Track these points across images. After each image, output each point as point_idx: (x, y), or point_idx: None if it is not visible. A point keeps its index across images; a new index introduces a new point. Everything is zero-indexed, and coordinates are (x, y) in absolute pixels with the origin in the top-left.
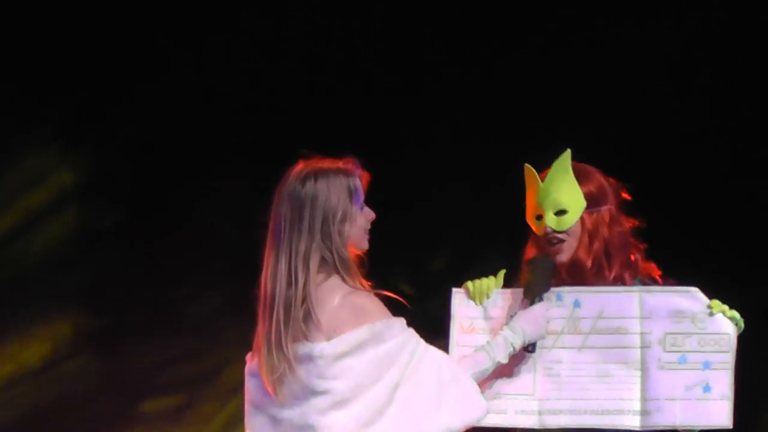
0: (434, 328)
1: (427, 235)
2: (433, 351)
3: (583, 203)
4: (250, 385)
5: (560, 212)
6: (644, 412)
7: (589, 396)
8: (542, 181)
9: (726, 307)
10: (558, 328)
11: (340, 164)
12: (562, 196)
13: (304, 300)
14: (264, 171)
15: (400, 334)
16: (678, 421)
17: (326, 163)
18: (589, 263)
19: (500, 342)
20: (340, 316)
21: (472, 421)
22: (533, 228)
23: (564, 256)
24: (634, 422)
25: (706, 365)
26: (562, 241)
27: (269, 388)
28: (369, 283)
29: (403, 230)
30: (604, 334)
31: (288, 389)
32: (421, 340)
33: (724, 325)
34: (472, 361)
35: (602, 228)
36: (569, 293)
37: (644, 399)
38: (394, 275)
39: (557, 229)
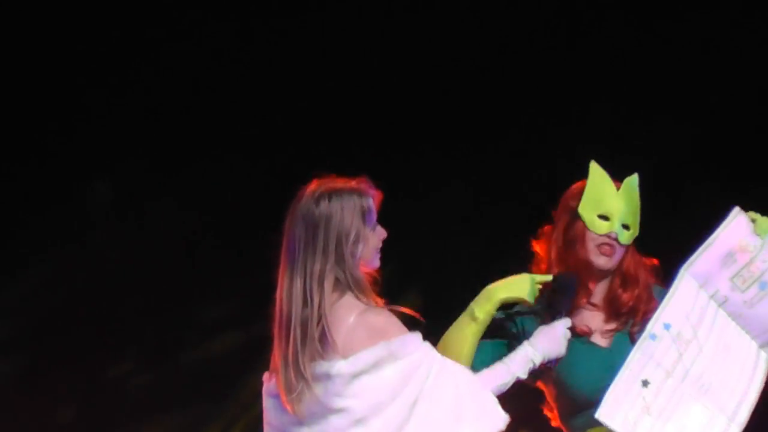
0: None
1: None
2: (451, 365)
3: (638, 230)
4: (268, 405)
5: (626, 226)
6: (764, 346)
7: (738, 369)
8: (617, 188)
9: (758, 215)
10: (675, 356)
11: (353, 184)
12: (632, 214)
13: (320, 320)
14: None
15: (417, 350)
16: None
17: (340, 183)
18: (621, 285)
19: (521, 357)
20: (356, 335)
21: None
22: (589, 222)
23: (609, 263)
24: (762, 360)
25: (762, 286)
26: (614, 249)
27: (288, 407)
28: (383, 300)
29: None
30: (700, 323)
31: (306, 408)
32: (438, 354)
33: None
34: (492, 374)
35: (635, 255)
36: (655, 326)
37: (756, 336)
38: None
39: (621, 241)
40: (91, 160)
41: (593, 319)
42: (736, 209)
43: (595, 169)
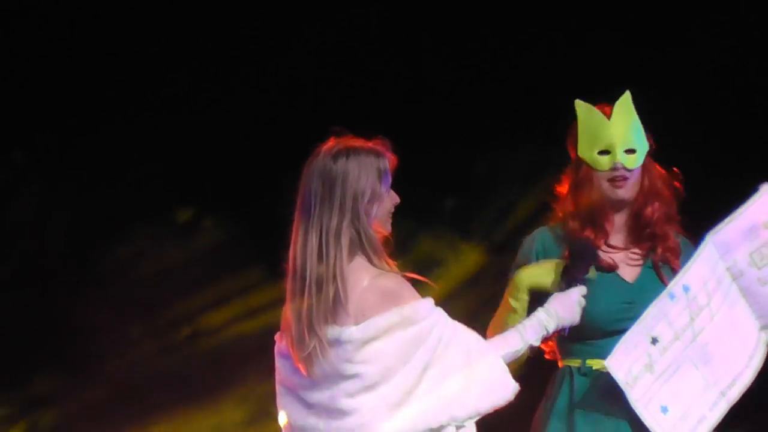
0: None
1: None
2: (463, 331)
3: (647, 145)
4: (280, 366)
5: (630, 150)
6: (764, 328)
7: (740, 346)
8: (608, 116)
9: None
10: (687, 320)
11: (371, 144)
12: (631, 135)
13: (334, 278)
14: None
15: (429, 315)
16: None
17: (358, 142)
18: (644, 203)
19: (534, 324)
20: (368, 300)
21: (501, 402)
22: (591, 162)
23: (627, 193)
24: (762, 343)
25: None
26: (626, 178)
27: (300, 366)
28: (395, 263)
29: None
30: (715, 293)
31: (319, 369)
32: (450, 320)
33: None
34: (503, 341)
35: (652, 170)
36: (675, 287)
37: (761, 317)
38: None
39: (628, 166)
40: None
41: (615, 257)
42: (766, 185)
43: (580, 105)
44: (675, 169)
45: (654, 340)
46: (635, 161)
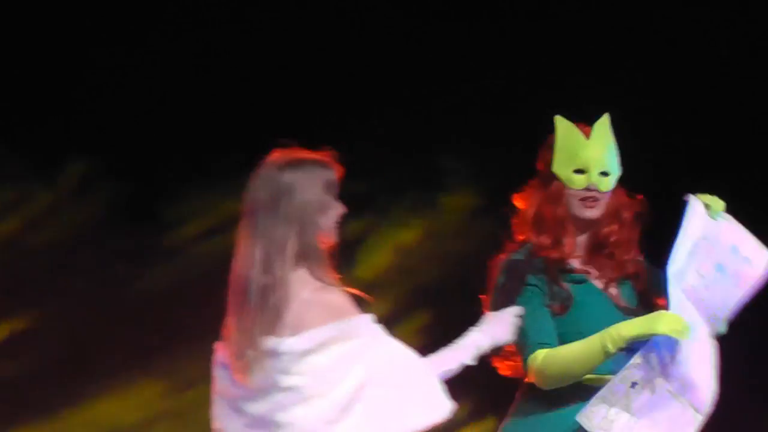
0: None
1: None
2: (400, 350)
3: (619, 169)
4: (218, 376)
5: (604, 173)
6: (713, 319)
7: (707, 369)
8: (587, 136)
9: (708, 197)
10: (669, 358)
11: (317, 156)
12: (607, 158)
13: (277, 289)
14: None
15: (368, 332)
16: (737, 302)
17: (304, 154)
18: (604, 225)
19: (468, 344)
20: (308, 312)
21: (436, 421)
22: (566, 180)
23: (596, 214)
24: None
25: (733, 250)
26: (597, 200)
27: (238, 378)
28: (337, 276)
29: None
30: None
31: (256, 380)
32: (389, 338)
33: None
34: (439, 360)
35: (618, 193)
36: None
37: (707, 319)
38: None
39: (602, 189)
40: None
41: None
42: (692, 198)
43: (560, 122)
44: (639, 196)
45: (634, 384)
46: (608, 184)
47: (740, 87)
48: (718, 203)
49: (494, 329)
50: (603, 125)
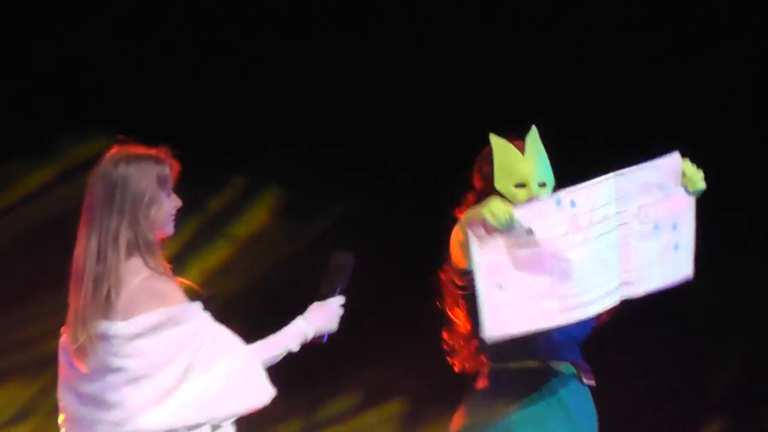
0: None
1: None
2: (227, 336)
3: (553, 179)
4: (61, 358)
5: (542, 184)
6: (627, 284)
7: (597, 284)
8: (522, 149)
9: (693, 170)
10: (563, 229)
11: (153, 152)
12: (544, 170)
13: (109, 276)
14: None
15: (195, 318)
16: (655, 285)
17: (140, 150)
18: None
19: (293, 331)
20: (138, 298)
21: (257, 406)
22: (508, 195)
23: None
24: (616, 297)
25: (674, 226)
26: None
27: (74, 361)
28: (169, 266)
29: None
30: (598, 224)
31: (89, 362)
32: (216, 325)
33: (685, 189)
34: (264, 347)
35: None
36: (565, 196)
37: (626, 271)
38: None
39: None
40: None
41: None
42: (677, 154)
43: (495, 140)
44: None
45: (530, 231)
46: (547, 192)
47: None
48: (697, 176)
49: (318, 318)
50: (533, 138)
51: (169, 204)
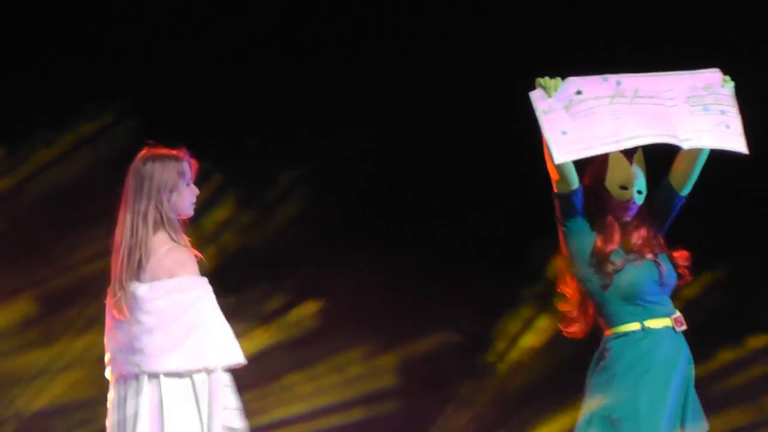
0: None
1: None
2: (217, 307)
3: (646, 190)
4: (107, 312)
5: (640, 192)
6: (686, 139)
7: (646, 126)
8: (630, 163)
9: (727, 78)
10: (609, 93)
11: (174, 152)
12: (642, 181)
13: (140, 247)
14: None
15: (200, 288)
16: (711, 144)
17: (163, 150)
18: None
19: None
20: (161, 265)
21: (239, 361)
22: (615, 193)
23: (629, 216)
24: (671, 141)
25: (722, 112)
26: (632, 209)
27: (114, 311)
28: (189, 239)
29: None
30: (644, 97)
31: (122, 314)
32: (213, 296)
33: (727, 88)
34: None
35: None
36: (612, 76)
37: (683, 132)
38: None
39: (639, 203)
40: None
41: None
42: (718, 72)
43: (614, 153)
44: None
45: (579, 92)
46: (641, 199)
47: None
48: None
49: None
50: (640, 157)
51: (189, 192)
